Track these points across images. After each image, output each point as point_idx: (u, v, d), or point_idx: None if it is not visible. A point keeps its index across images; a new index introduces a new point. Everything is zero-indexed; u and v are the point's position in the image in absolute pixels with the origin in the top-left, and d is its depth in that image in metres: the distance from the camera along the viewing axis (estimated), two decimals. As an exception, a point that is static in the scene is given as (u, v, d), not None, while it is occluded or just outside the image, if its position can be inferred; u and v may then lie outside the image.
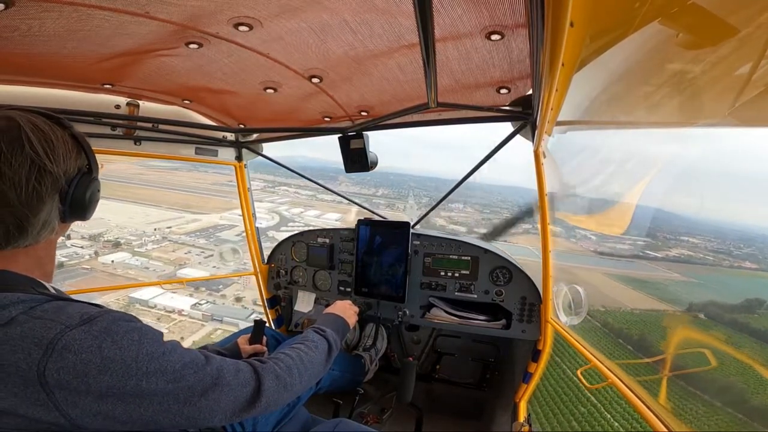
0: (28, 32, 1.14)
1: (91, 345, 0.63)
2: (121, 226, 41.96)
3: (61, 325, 0.62)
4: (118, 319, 0.69)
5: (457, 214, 47.02)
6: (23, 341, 0.60)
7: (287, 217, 49.49)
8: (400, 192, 54.14)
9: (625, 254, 20.18)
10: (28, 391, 0.59)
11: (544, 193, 1.66)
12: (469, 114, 1.75)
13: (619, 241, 17.33)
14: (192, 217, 45.73)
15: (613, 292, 20.10)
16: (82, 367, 0.61)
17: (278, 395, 0.90)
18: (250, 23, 1.13)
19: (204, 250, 37.54)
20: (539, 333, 1.91)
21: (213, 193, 50.11)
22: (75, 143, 0.79)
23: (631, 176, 1.66)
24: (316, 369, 1.08)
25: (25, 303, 0.64)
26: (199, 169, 59.02)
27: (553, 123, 1.25)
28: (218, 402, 0.77)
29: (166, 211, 47.96)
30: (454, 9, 1.01)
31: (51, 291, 0.77)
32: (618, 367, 1.38)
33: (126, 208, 46.86)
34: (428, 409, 2.10)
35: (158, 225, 43.57)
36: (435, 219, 39.81)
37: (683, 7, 0.58)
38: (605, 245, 19.13)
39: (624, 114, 1.09)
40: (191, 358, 0.76)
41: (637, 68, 0.83)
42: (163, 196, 53.13)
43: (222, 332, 29.03)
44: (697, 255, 15.44)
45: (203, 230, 42.79)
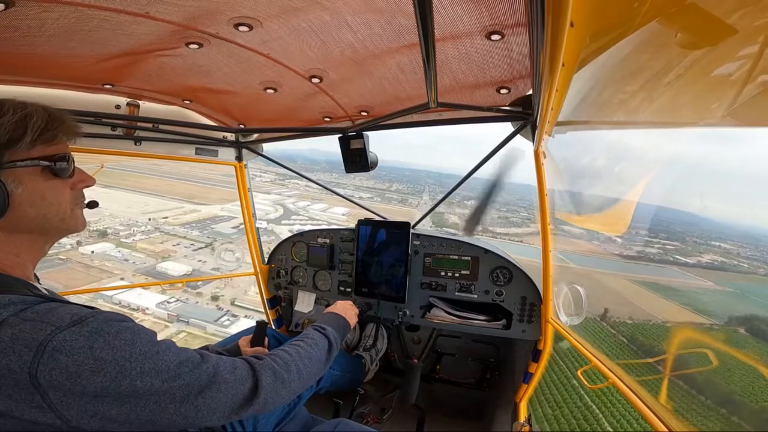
0: (28, 32, 1.14)
1: (83, 346, 0.62)
2: (114, 215, 41.47)
3: (51, 326, 0.62)
4: (109, 320, 0.68)
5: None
6: (14, 344, 0.59)
7: (291, 210, 49.20)
8: (414, 188, 52.62)
9: (653, 259, 19.04)
10: (23, 394, 0.59)
11: (544, 193, 1.66)
12: (469, 114, 1.75)
13: (645, 244, 16.59)
14: (192, 207, 45.36)
15: (639, 300, 18.50)
16: (75, 368, 0.61)
17: (276, 392, 0.89)
18: (250, 23, 1.13)
19: (194, 242, 37.08)
20: (539, 333, 1.91)
21: (222, 184, 49.59)
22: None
23: (635, 176, 1.64)
24: (316, 366, 1.07)
25: (15, 305, 0.64)
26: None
27: (553, 123, 1.25)
28: (215, 400, 0.76)
29: (167, 200, 47.57)
30: (454, 9, 1.01)
31: (43, 292, 0.76)
32: (619, 367, 1.38)
33: (127, 197, 46.43)
34: (428, 409, 2.10)
35: (154, 215, 42.96)
36: (448, 216, 38.56)
37: (683, 7, 0.58)
38: (627, 249, 18.08)
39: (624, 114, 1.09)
40: (186, 356, 0.76)
41: (637, 68, 0.83)
42: (169, 186, 52.79)
43: (186, 335, 28.20)
44: (731, 261, 14.67)
45: (199, 221, 42.35)
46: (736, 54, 0.56)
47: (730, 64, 0.58)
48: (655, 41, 0.68)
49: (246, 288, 32.43)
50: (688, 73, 0.69)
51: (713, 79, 0.64)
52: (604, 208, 1.93)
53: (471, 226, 2.40)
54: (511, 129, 1.71)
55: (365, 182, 57.75)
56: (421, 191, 51.68)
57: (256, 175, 54.42)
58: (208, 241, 39.19)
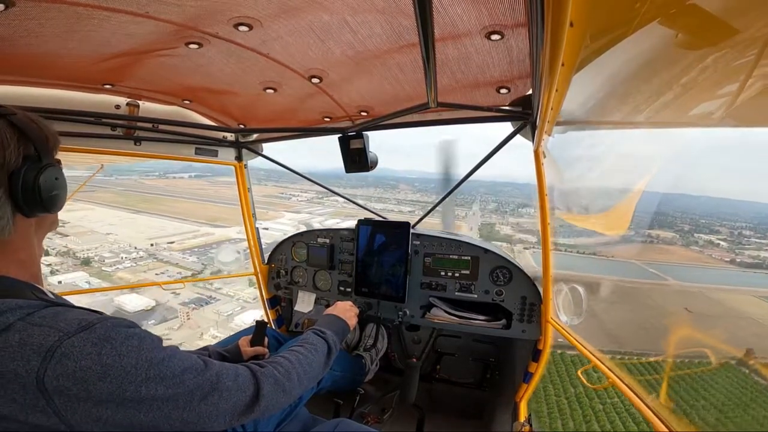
0: (28, 32, 1.14)
1: (91, 352, 0.63)
2: (115, 241, 40.44)
3: (60, 332, 0.62)
4: (117, 326, 0.68)
5: (527, 220, 38.65)
6: (22, 349, 0.60)
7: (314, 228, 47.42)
8: (465, 199, 48.83)
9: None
10: (28, 398, 0.59)
11: (544, 193, 1.66)
12: (469, 114, 1.75)
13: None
14: (207, 230, 43.99)
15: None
16: (82, 374, 0.61)
17: (277, 399, 0.91)
18: (250, 23, 1.13)
19: (182, 270, 34.88)
20: (539, 333, 1.91)
21: (261, 205, 48.39)
22: (15, 131, 0.72)
23: (636, 176, 1.62)
24: (315, 371, 1.09)
25: (22, 309, 0.64)
26: (262, 182, 57.45)
27: (553, 123, 1.25)
28: (217, 407, 0.78)
29: (188, 224, 46.40)
30: (454, 9, 1.01)
31: (49, 296, 0.77)
32: (619, 367, 1.38)
33: (147, 221, 45.52)
34: (429, 409, 2.10)
35: (160, 240, 41.53)
36: (500, 227, 34.86)
37: (683, 8, 0.58)
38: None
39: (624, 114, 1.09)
40: (190, 363, 0.77)
41: (637, 68, 0.83)
42: (198, 208, 51.94)
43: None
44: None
45: (204, 246, 40.42)
46: (736, 54, 0.56)
47: (731, 64, 0.58)
48: (655, 41, 0.68)
49: (204, 330, 30.44)
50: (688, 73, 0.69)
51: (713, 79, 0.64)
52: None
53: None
54: (511, 129, 1.71)
55: (410, 195, 55.87)
56: (471, 201, 48.34)
57: (293, 194, 53.31)
58: (199, 269, 36.79)
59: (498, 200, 41.84)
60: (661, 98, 0.83)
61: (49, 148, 0.78)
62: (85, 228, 41.13)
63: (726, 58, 0.58)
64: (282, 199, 49.90)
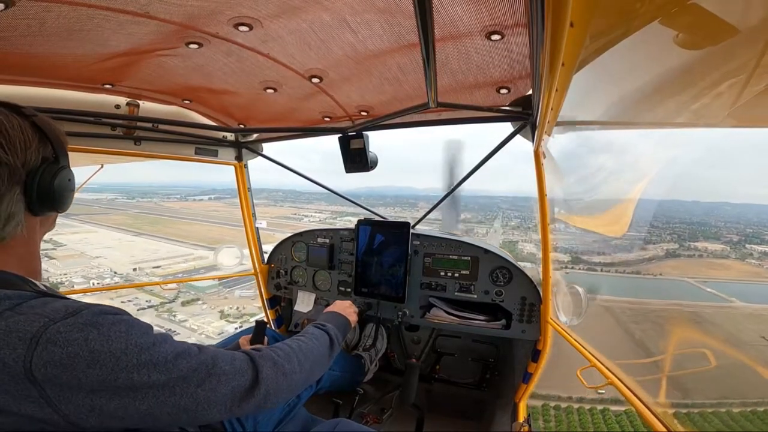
0: (28, 32, 1.14)
1: (77, 338, 0.61)
2: (99, 265, 38.58)
3: (45, 318, 0.61)
4: (104, 312, 0.67)
5: (554, 236, 35.76)
6: (7, 336, 0.59)
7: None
8: (486, 215, 46.98)
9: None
10: (19, 388, 0.58)
11: (544, 194, 1.66)
12: (468, 114, 1.75)
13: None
14: (201, 254, 41.43)
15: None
16: (70, 361, 0.60)
17: (278, 383, 0.87)
18: (250, 23, 1.13)
19: (152, 298, 32.42)
20: (539, 333, 1.91)
21: (273, 228, 47.01)
22: (36, 132, 0.74)
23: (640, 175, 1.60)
24: (318, 359, 1.06)
25: (11, 299, 0.64)
26: (278, 203, 56.40)
27: (553, 123, 1.25)
28: (215, 392, 0.75)
29: (184, 247, 44.41)
30: (454, 9, 1.01)
31: (41, 288, 0.76)
32: (618, 367, 1.38)
33: (143, 244, 44.15)
34: (428, 409, 2.10)
35: (146, 264, 38.87)
36: (523, 245, 31.52)
37: (683, 7, 0.58)
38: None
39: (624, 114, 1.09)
40: (184, 348, 0.74)
41: (637, 68, 0.83)
42: (201, 230, 50.57)
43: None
44: None
45: (189, 272, 37.39)
46: (736, 54, 0.56)
47: (731, 64, 0.58)
48: (655, 41, 0.68)
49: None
50: (688, 73, 0.69)
51: (714, 79, 0.64)
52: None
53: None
54: (511, 129, 1.71)
55: (432, 214, 54.72)
56: (493, 218, 45.46)
57: (306, 215, 52.12)
58: (170, 298, 33.83)
59: (521, 215, 39.43)
60: (661, 98, 0.83)
61: (65, 150, 0.81)
62: (75, 251, 39.71)
63: (727, 58, 0.58)
64: (294, 221, 48.72)
